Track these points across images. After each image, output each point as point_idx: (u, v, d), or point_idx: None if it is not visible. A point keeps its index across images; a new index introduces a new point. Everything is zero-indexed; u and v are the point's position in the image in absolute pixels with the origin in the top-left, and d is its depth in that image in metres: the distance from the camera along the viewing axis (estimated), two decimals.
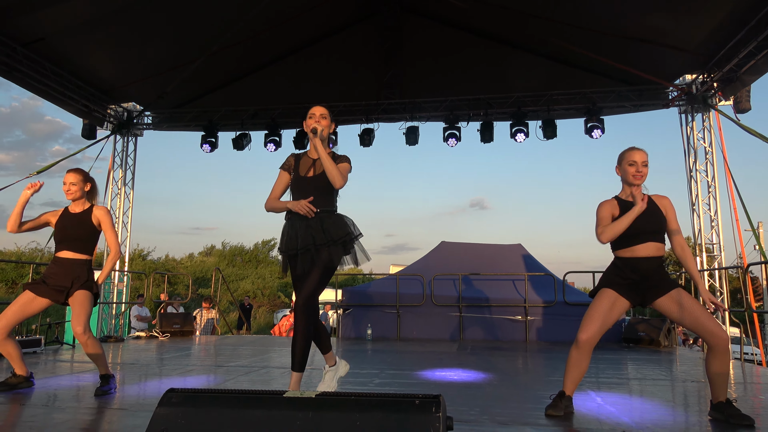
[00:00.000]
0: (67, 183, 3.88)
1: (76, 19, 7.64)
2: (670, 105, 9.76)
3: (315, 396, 1.44)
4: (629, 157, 3.14)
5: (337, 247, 3.13)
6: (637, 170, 3.11)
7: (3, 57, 7.78)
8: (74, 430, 2.82)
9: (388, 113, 10.40)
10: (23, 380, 3.87)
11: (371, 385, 4.41)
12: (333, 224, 3.16)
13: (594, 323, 3.06)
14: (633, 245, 3.11)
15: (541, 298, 9.14)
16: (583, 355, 3.11)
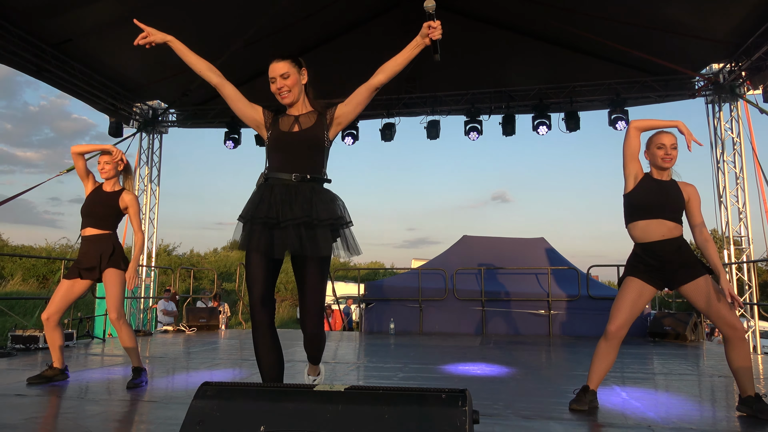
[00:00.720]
0: (102, 162, 4.02)
1: (102, 20, 7.79)
2: (697, 95, 9.58)
3: (344, 389, 1.48)
4: (657, 140, 3.11)
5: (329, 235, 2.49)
6: (666, 153, 3.07)
7: (33, 57, 7.98)
8: (108, 421, 2.91)
9: (409, 107, 10.40)
10: (58, 373, 4.00)
11: (395, 379, 4.45)
12: (322, 201, 2.49)
13: (622, 313, 3.06)
14: (645, 219, 3.07)
15: (565, 292, 9.08)
16: (612, 347, 3.11)
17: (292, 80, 2.58)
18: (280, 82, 2.56)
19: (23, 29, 7.60)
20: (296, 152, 2.54)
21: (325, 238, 2.43)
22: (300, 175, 2.49)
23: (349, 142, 10.46)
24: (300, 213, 2.41)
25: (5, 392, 3.62)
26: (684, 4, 7.59)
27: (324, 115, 2.61)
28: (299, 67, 2.62)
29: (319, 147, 2.55)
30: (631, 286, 3.09)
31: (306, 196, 2.45)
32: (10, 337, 6.33)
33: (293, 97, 2.59)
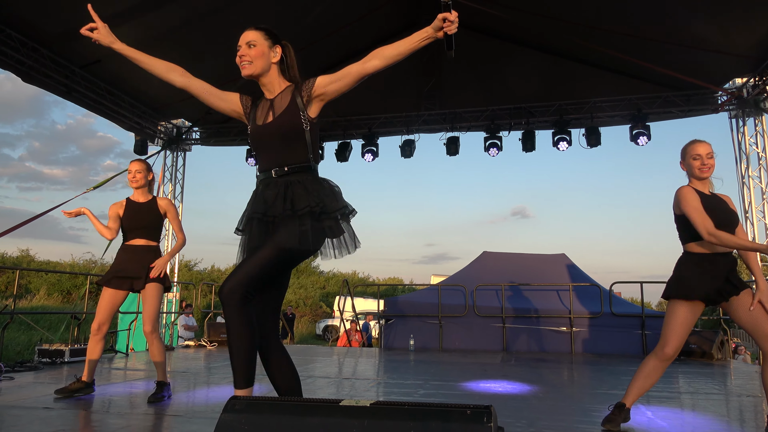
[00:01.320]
0: (133, 171, 4.12)
1: (129, 42, 8.00)
2: (720, 110, 9.48)
3: (370, 405, 1.50)
4: (693, 150, 3.04)
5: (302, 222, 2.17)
6: (702, 163, 3.00)
7: (63, 79, 8.23)
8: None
9: (428, 124, 10.46)
10: (84, 386, 4.06)
11: (416, 395, 4.43)
12: (304, 191, 2.23)
13: (678, 335, 2.96)
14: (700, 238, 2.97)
15: (587, 309, 8.97)
16: (661, 368, 3.03)
17: (256, 51, 2.31)
18: (244, 50, 2.31)
19: (55, 52, 7.85)
20: (273, 146, 2.31)
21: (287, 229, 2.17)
22: (279, 169, 2.28)
23: (369, 158, 10.53)
24: (261, 208, 2.22)
25: (34, 405, 3.69)
26: (706, 20, 7.55)
27: (299, 89, 2.32)
28: (272, 42, 2.37)
29: (296, 133, 2.28)
30: (684, 307, 2.97)
31: (281, 189, 2.24)
32: (36, 351, 6.45)
33: (253, 70, 2.31)
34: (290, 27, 8.19)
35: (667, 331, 2.99)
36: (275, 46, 2.38)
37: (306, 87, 2.32)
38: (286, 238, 2.15)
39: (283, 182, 2.25)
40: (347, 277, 28.09)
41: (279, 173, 2.28)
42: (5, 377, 5.01)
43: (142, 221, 4.06)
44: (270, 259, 2.14)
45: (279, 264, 2.18)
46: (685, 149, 3.09)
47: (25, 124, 59.80)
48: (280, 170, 2.28)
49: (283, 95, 2.36)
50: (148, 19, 7.59)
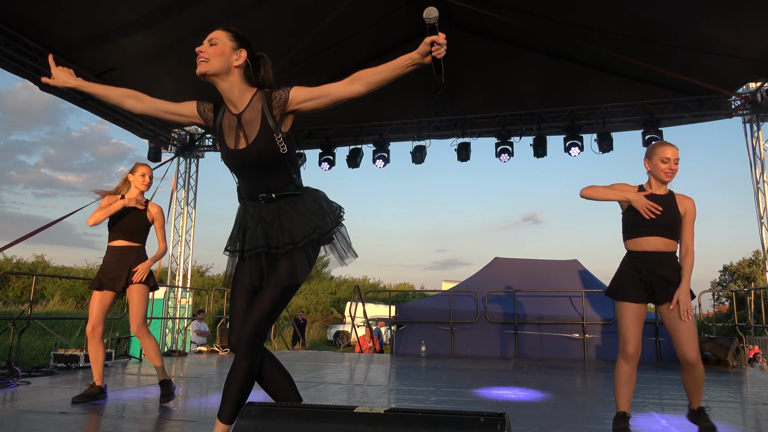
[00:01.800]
0: (147, 175, 4.17)
1: (142, 50, 8.13)
2: (734, 114, 9.41)
3: (384, 412, 1.51)
4: (662, 152, 3.05)
5: (300, 256, 2.17)
6: (669, 167, 3.02)
7: None
8: None
9: (439, 130, 10.48)
10: (99, 391, 4.10)
11: (428, 402, 4.42)
12: (297, 216, 2.19)
13: (633, 332, 3.03)
14: (639, 236, 3.06)
15: (600, 315, 8.90)
16: (634, 368, 3.09)
17: (216, 49, 2.16)
18: (203, 47, 2.17)
19: (71, 60, 7.97)
20: (253, 174, 2.20)
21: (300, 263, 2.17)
22: (266, 195, 2.21)
23: (380, 164, 10.56)
24: (261, 240, 2.18)
25: (50, 409, 3.73)
26: (720, 24, 7.52)
27: (270, 104, 2.15)
28: (237, 45, 2.20)
29: (275, 160, 2.15)
30: (629, 309, 3.04)
31: (274, 218, 2.19)
32: (52, 356, 6.53)
33: (208, 68, 2.14)
34: (305, 33, 8.26)
35: (621, 330, 3.07)
36: (240, 50, 2.20)
37: (277, 101, 2.15)
38: (288, 275, 2.15)
39: (274, 209, 2.20)
40: (358, 283, 28.07)
41: (266, 199, 2.21)
42: (22, 382, 5.07)
43: (128, 225, 4.10)
44: (276, 300, 2.16)
45: (285, 301, 2.21)
46: (654, 149, 3.10)
47: (41, 131, 60.71)
48: (267, 196, 2.21)
49: (251, 110, 2.18)
50: (159, 28, 7.70)
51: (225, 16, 7.78)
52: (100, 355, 4.08)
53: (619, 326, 3.09)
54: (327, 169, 10.81)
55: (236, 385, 2.13)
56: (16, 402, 4.09)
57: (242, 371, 2.13)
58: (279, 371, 2.35)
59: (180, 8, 7.43)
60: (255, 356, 2.15)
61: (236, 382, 2.13)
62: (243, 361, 2.12)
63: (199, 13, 7.56)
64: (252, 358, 2.14)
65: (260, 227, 2.19)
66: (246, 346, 2.11)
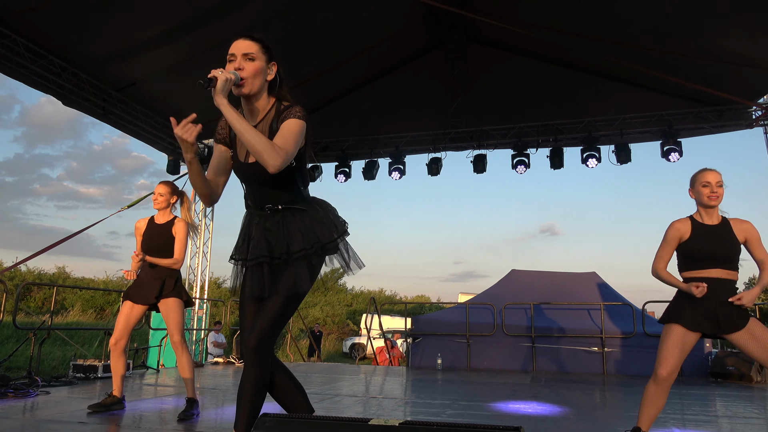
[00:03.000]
0: (156, 193, 4.27)
1: (163, 65, 8.28)
2: (754, 125, 9.27)
3: (399, 424, 1.50)
4: (702, 178, 3.05)
5: (302, 265, 2.17)
6: (711, 191, 3.00)
7: (101, 102, 8.53)
8: None
9: (455, 142, 10.47)
10: (117, 401, 4.13)
11: (444, 415, 4.39)
12: (301, 227, 2.19)
13: (672, 356, 2.95)
14: (698, 269, 3.01)
15: (619, 329, 8.77)
16: (664, 391, 3.01)
17: (255, 67, 2.09)
18: (241, 63, 2.08)
19: (93, 75, 8.15)
20: (261, 186, 2.21)
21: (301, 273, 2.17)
22: (272, 206, 2.22)
23: (396, 176, 10.58)
24: (264, 251, 2.18)
25: (69, 419, 3.77)
26: (739, 34, 7.45)
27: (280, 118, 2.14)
28: (269, 57, 2.16)
29: (283, 174, 2.12)
30: (674, 331, 2.98)
31: (279, 229, 2.19)
32: (71, 366, 6.61)
33: (251, 89, 2.10)
34: (315, 52, 8.36)
35: (661, 352, 2.99)
36: (272, 63, 2.17)
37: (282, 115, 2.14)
38: (290, 284, 2.15)
39: (280, 219, 2.20)
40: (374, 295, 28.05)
41: (272, 210, 2.22)
42: (41, 391, 5.14)
43: (155, 242, 4.15)
44: (279, 309, 2.15)
45: (290, 310, 2.21)
46: (695, 177, 3.10)
47: (64, 145, 61.90)
48: (274, 207, 2.22)
49: (264, 125, 2.16)
50: (179, 44, 7.84)
51: (242, 29, 7.89)
52: (121, 367, 4.12)
53: (660, 347, 3.02)
54: (343, 182, 10.86)
55: (247, 395, 2.13)
56: (36, 411, 4.14)
57: (251, 380, 2.13)
58: (290, 381, 2.34)
59: (198, 24, 7.56)
60: (263, 365, 2.15)
61: (247, 392, 2.13)
62: (251, 370, 2.13)
63: (218, 29, 7.69)
64: (260, 367, 2.14)
65: (264, 237, 2.19)
66: (252, 355, 2.12)
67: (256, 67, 2.09)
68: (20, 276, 24.11)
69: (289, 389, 2.34)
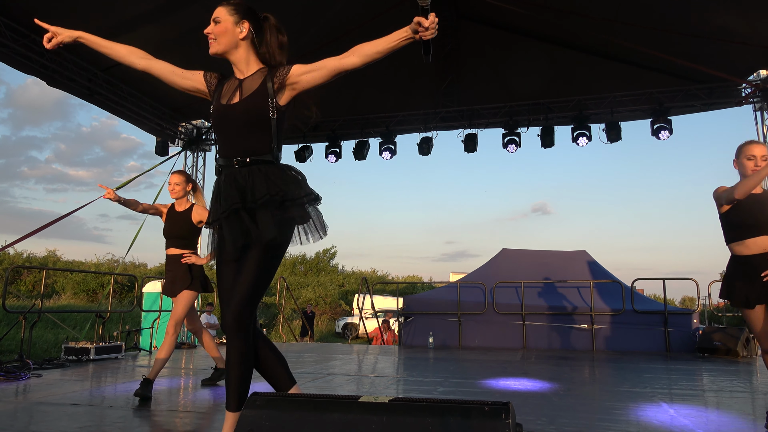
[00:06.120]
0: (172, 183, 4.34)
1: (149, 43, 8.13)
2: (744, 102, 9.30)
3: (389, 401, 1.51)
4: (748, 151, 3.05)
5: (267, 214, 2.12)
6: (756, 164, 3.00)
7: (86, 82, 8.38)
8: (158, 430, 3.00)
9: (446, 121, 10.43)
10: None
11: (435, 393, 4.44)
12: (268, 178, 2.15)
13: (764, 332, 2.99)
14: (745, 238, 3.01)
15: (608, 306, 8.88)
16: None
17: (221, 27, 2.23)
18: (210, 27, 2.25)
19: (77, 55, 8.00)
20: (235, 131, 2.20)
21: (266, 219, 2.10)
22: (241, 159, 2.17)
23: (387, 156, 10.54)
24: (236, 199, 2.12)
25: (61, 401, 3.77)
26: (730, 11, 7.41)
27: (272, 73, 2.22)
28: (239, 18, 2.25)
29: (261, 121, 2.17)
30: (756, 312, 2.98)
31: (246, 180, 2.15)
32: (63, 349, 6.60)
33: (217, 48, 2.25)
34: (303, 31, 8.24)
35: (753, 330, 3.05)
36: (242, 22, 2.25)
37: (280, 73, 2.21)
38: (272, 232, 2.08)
39: (247, 173, 2.16)
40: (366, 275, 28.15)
41: (241, 164, 2.18)
42: (33, 374, 5.14)
43: (176, 230, 4.28)
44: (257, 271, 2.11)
45: (268, 272, 2.15)
46: (741, 148, 3.10)
47: (52, 126, 61.03)
48: (242, 161, 2.17)
49: (254, 77, 2.25)
50: (166, 22, 7.70)
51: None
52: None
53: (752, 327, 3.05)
54: (334, 162, 10.81)
55: (234, 371, 2.09)
56: (28, 394, 4.15)
57: (235, 354, 2.08)
58: (272, 353, 2.28)
59: (185, 2, 7.42)
60: (246, 339, 2.10)
61: (233, 367, 2.08)
62: (233, 342, 2.08)
63: (204, 5, 7.55)
64: (242, 340, 2.09)
65: (234, 187, 2.14)
66: (233, 331, 2.07)
67: (220, 28, 2.23)
68: (9, 259, 23.95)
69: (270, 359, 2.27)
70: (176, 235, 4.28)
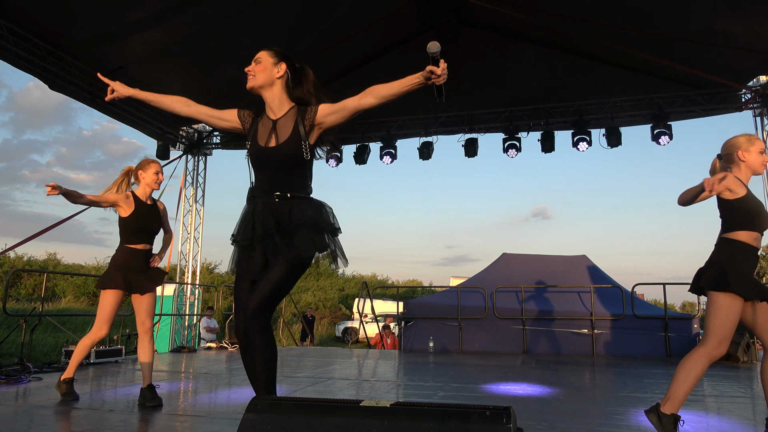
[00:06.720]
0: (159, 171, 4.05)
1: (150, 48, 8.16)
2: (744, 108, 9.32)
3: (390, 405, 1.51)
4: (761, 145, 2.93)
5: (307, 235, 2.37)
6: (765, 161, 2.92)
7: (87, 86, 8.40)
8: None
9: (446, 126, 10.45)
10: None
11: (435, 397, 4.43)
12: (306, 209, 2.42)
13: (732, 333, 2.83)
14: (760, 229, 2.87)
15: (609, 311, 8.87)
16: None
17: (261, 66, 2.50)
18: (251, 66, 2.51)
19: (79, 59, 8.02)
20: (275, 170, 2.44)
21: (304, 240, 2.35)
22: (281, 194, 2.42)
23: (388, 161, 10.56)
24: (272, 225, 2.36)
25: (62, 405, 3.77)
26: (731, 17, 7.43)
27: (303, 115, 2.46)
28: (277, 60, 2.52)
29: (298, 163, 2.43)
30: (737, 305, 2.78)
31: (285, 211, 2.39)
32: (63, 353, 6.60)
33: (254, 82, 2.49)
34: (305, 36, 8.26)
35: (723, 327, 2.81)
36: (280, 63, 2.51)
37: (309, 114, 2.45)
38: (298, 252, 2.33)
39: (287, 205, 2.40)
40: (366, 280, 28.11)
41: (281, 197, 2.42)
42: (34, 377, 5.13)
43: (153, 227, 4.01)
44: (283, 274, 2.32)
45: (292, 279, 2.38)
46: (753, 140, 2.94)
47: (53, 130, 61.05)
48: (283, 195, 2.42)
49: (287, 118, 2.47)
50: (167, 26, 7.72)
51: (232, 11, 7.80)
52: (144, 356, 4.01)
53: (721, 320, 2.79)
54: (334, 166, 10.84)
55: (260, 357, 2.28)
56: (28, 397, 4.15)
57: (259, 346, 2.28)
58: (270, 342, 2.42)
59: (187, 6, 7.45)
60: (266, 328, 2.30)
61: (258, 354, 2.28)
62: (255, 336, 2.27)
63: (207, 9, 7.58)
64: (264, 331, 2.29)
65: (270, 213, 2.38)
66: (254, 318, 2.26)
67: (260, 67, 2.49)
68: (9, 263, 23.94)
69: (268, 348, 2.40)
70: (152, 231, 3.99)
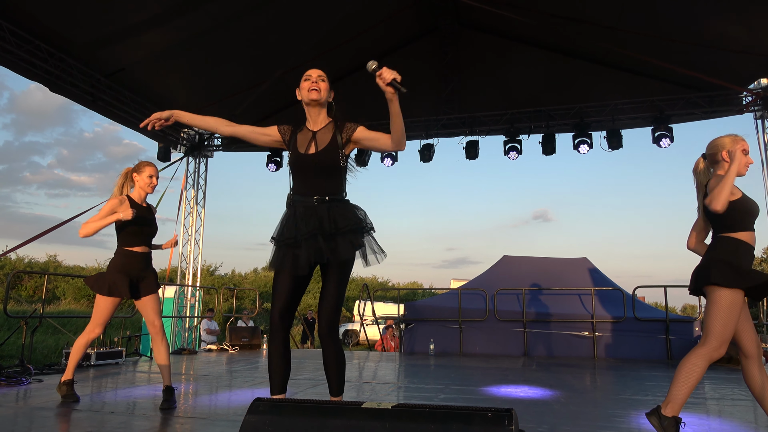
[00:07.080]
0: (153, 176, 4.02)
1: (152, 50, 8.17)
2: (745, 110, 9.32)
3: (391, 407, 1.51)
4: (745, 145, 2.92)
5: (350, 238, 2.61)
6: (748, 161, 2.91)
7: (89, 88, 8.41)
8: None
9: (447, 128, 10.46)
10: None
11: (436, 400, 4.42)
12: (346, 212, 2.66)
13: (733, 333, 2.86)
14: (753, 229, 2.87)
15: (609, 313, 8.86)
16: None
17: (324, 85, 2.75)
18: (317, 80, 2.73)
19: (80, 61, 8.02)
20: (313, 176, 2.66)
21: (345, 243, 2.57)
22: (320, 197, 2.64)
23: (389, 163, 10.56)
24: (316, 226, 2.56)
25: (63, 407, 3.77)
26: (732, 20, 7.44)
27: (341, 129, 2.72)
28: (329, 85, 2.82)
29: (335, 169, 2.67)
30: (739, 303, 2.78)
31: (324, 213, 2.60)
32: (64, 354, 6.60)
33: (319, 97, 2.72)
34: (306, 38, 8.27)
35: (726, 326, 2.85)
36: (331, 91, 2.83)
37: (347, 129, 2.71)
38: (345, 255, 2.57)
39: (326, 207, 2.62)
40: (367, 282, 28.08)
41: (320, 201, 2.63)
42: (34, 379, 5.13)
43: (152, 229, 4.03)
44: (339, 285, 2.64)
45: (345, 284, 2.69)
46: (737, 140, 2.93)
47: (55, 132, 61.17)
48: (321, 198, 2.64)
49: (325, 130, 2.73)
50: (168, 28, 7.74)
51: (233, 13, 7.81)
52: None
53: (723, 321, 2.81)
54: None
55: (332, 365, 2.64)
56: (28, 399, 4.14)
57: (331, 353, 2.63)
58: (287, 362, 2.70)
59: (188, 7, 7.46)
60: (337, 338, 2.65)
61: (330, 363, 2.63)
62: (328, 344, 2.63)
63: (207, 12, 7.60)
64: (335, 343, 2.64)
65: (313, 215, 2.60)
66: (327, 336, 2.63)
67: (325, 86, 2.76)
68: (10, 264, 23.95)
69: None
70: (149, 233, 3.99)
